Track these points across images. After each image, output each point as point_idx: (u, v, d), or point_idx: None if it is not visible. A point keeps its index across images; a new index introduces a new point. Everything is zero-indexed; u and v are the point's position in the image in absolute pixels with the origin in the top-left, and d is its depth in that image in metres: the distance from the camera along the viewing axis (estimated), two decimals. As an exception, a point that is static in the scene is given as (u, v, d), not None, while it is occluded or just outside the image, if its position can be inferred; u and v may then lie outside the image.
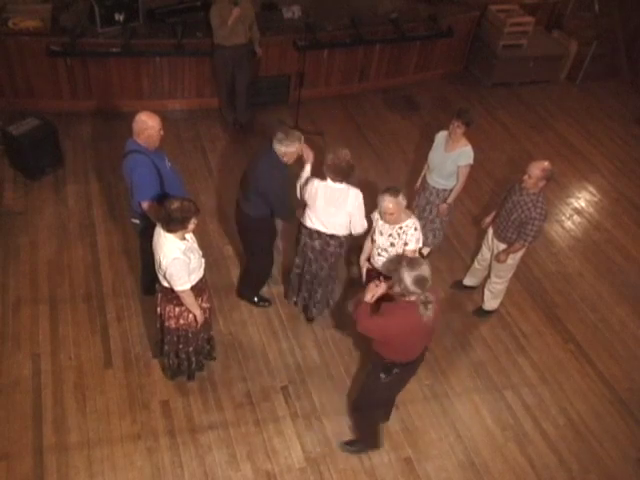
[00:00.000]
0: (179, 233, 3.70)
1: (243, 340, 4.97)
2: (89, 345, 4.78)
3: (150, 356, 4.73)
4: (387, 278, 3.92)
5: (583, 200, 6.99)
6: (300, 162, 4.59)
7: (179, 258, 3.68)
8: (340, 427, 4.48)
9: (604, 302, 5.78)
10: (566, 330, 5.47)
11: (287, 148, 4.26)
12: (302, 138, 4.34)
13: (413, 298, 3.43)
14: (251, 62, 6.79)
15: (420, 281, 3.37)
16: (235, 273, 5.48)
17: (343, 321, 5.11)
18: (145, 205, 4.23)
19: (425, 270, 3.40)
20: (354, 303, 3.73)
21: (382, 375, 3.78)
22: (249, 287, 5.20)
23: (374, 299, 3.61)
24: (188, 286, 3.82)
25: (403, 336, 3.55)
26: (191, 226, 3.70)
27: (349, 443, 4.38)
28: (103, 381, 4.56)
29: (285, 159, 4.32)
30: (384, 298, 3.85)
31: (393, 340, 3.58)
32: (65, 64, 6.69)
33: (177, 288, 3.79)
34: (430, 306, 3.42)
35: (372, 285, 3.63)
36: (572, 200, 6.97)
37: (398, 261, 3.84)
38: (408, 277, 3.36)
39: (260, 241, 4.80)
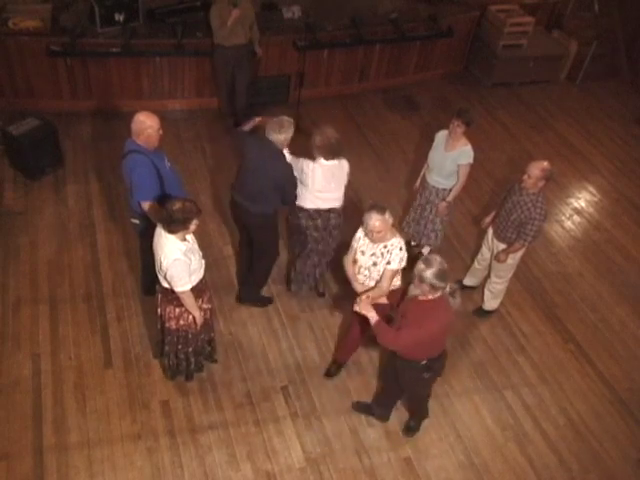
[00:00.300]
0: (180, 234, 3.70)
1: (243, 340, 4.98)
2: (89, 345, 4.78)
3: (150, 356, 4.74)
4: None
5: (583, 200, 7.00)
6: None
7: (180, 259, 3.68)
8: (340, 427, 4.49)
9: (604, 302, 5.78)
10: (566, 330, 5.47)
11: (286, 134, 4.39)
12: (293, 122, 4.49)
13: (439, 293, 3.46)
14: (251, 62, 6.80)
15: (442, 274, 3.41)
16: (235, 272, 5.49)
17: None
18: (145, 206, 4.23)
19: (442, 263, 3.44)
20: (374, 326, 3.64)
21: (425, 375, 3.82)
22: (254, 287, 5.18)
23: (375, 313, 3.64)
24: (189, 287, 3.82)
25: (440, 333, 3.62)
26: (192, 227, 3.71)
27: (409, 428, 4.48)
28: (103, 381, 4.56)
29: (284, 146, 4.47)
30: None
31: (432, 340, 3.63)
32: (65, 64, 6.70)
33: (177, 289, 3.80)
34: (457, 294, 3.48)
35: (364, 301, 3.67)
36: (572, 200, 6.98)
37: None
38: (430, 274, 3.39)
39: (273, 236, 4.89)
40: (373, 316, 3.61)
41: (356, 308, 3.69)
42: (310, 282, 5.24)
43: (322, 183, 4.58)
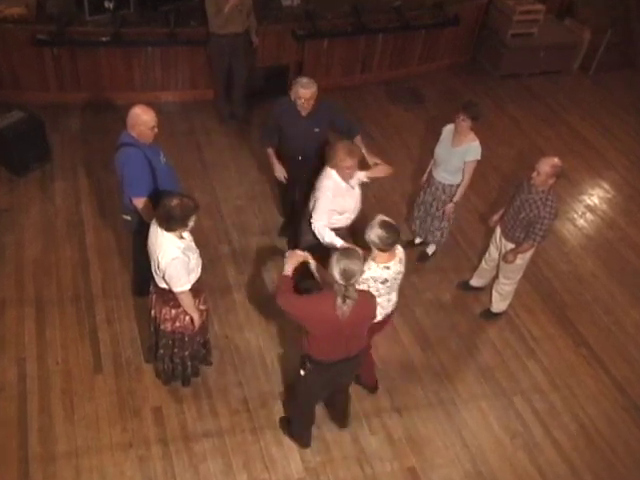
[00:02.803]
0: (178, 231, 3.70)
1: (239, 343, 4.98)
2: (77, 349, 4.78)
3: (142, 361, 4.73)
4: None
5: (596, 197, 7.00)
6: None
7: (179, 257, 3.68)
8: (341, 435, 4.49)
9: (618, 303, 5.78)
10: (578, 333, 5.47)
11: (313, 88, 4.71)
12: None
13: (334, 288, 3.42)
14: (248, 52, 6.79)
15: (346, 272, 3.33)
16: (231, 272, 5.50)
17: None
18: (139, 203, 4.23)
19: (355, 263, 3.35)
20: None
21: (300, 370, 3.80)
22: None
23: (292, 268, 3.69)
24: (188, 287, 3.83)
25: (318, 326, 3.52)
26: (191, 223, 3.71)
27: (283, 419, 4.47)
28: (92, 387, 4.56)
29: (307, 105, 4.75)
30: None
31: (309, 327, 3.55)
32: (52, 54, 6.70)
33: (176, 289, 3.80)
34: (348, 302, 3.37)
35: (296, 253, 3.75)
36: (584, 197, 6.98)
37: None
38: (336, 265, 3.35)
39: None
40: (287, 269, 3.68)
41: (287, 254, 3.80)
42: None
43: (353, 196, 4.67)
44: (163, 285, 3.87)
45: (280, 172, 5.13)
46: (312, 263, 3.87)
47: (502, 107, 8.16)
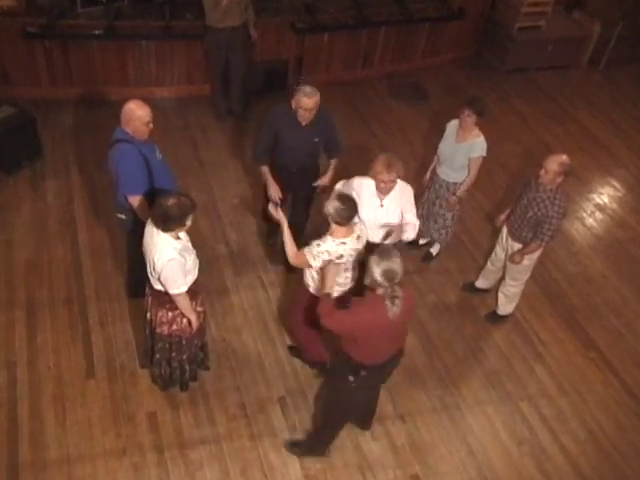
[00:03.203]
0: (175, 231, 3.71)
1: (237, 347, 4.98)
2: (70, 353, 4.78)
3: (136, 365, 4.74)
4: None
5: (606, 195, 7.00)
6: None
7: (175, 259, 3.69)
8: (342, 441, 4.49)
9: (629, 306, 5.79)
10: (587, 337, 5.48)
11: (316, 97, 4.56)
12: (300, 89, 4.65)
13: (380, 291, 3.45)
14: (246, 46, 6.79)
15: (388, 273, 3.37)
16: (229, 274, 5.50)
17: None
18: (134, 201, 4.24)
19: (396, 262, 3.40)
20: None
21: (350, 378, 3.77)
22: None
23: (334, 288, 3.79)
24: (185, 289, 3.83)
25: (368, 333, 3.55)
26: (189, 223, 3.72)
27: (294, 444, 4.42)
28: (85, 392, 4.56)
29: (310, 114, 4.64)
30: (353, 293, 4.00)
31: (360, 337, 3.58)
32: (43, 47, 6.70)
33: (173, 291, 3.80)
34: (397, 302, 3.41)
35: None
36: (594, 196, 6.99)
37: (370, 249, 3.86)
38: (377, 268, 3.38)
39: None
40: (328, 286, 3.79)
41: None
42: None
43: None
44: (159, 287, 3.88)
45: (275, 192, 4.95)
46: (285, 230, 4.01)
47: (508, 103, 8.16)
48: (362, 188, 4.36)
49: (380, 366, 3.77)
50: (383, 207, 4.38)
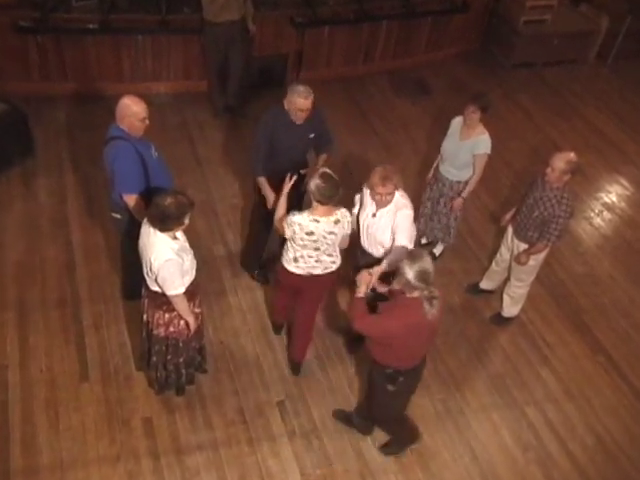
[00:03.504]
0: (173, 231, 3.71)
1: (235, 350, 4.98)
2: (63, 356, 4.78)
3: (131, 368, 4.74)
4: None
5: (614, 194, 7.00)
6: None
7: (172, 259, 3.69)
8: (343, 447, 4.49)
9: (637, 307, 5.78)
10: (595, 339, 5.47)
11: (312, 96, 4.51)
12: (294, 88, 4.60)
13: (416, 294, 3.48)
14: (244, 41, 6.78)
15: (423, 274, 3.41)
16: (226, 274, 5.50)
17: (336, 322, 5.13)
18: (130, 200, 4.24)
19: (427, 262, 3.45)
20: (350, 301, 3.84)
21: (389, 387, 3.83)
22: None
23: (367, 290, 3.77)
24: (182, 290, 3.83)
25: (405, 338, 3.59)
26: (186, 221, 3.73)
27: (387, 445, 4.48)
28: (78, 396, 4.56)
29: (306, 115, 4.59)
30: (383, 296, 4.03)
31: (395, 342, 3.62)
32: (36, 42, 6.70)
33: (170, 292, 3.80)
34: (435, 302, 3.47)
35: (364, 275, 3.78)
36: (602, 194, 6.98)
37: (399, 254, 3.92)
38: (410, 271, 3.41)
39: None
40: (361, 290, 3.78)
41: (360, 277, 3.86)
42: None
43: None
44: (155, 288, 3.88)
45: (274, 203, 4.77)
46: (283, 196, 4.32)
47: (514, 99, 8.16)
48: (366, 192, 4.41)
49: (415, 368, 3.84)
50: (375, 217, 4.39)
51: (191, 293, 4.02)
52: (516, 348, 5.31)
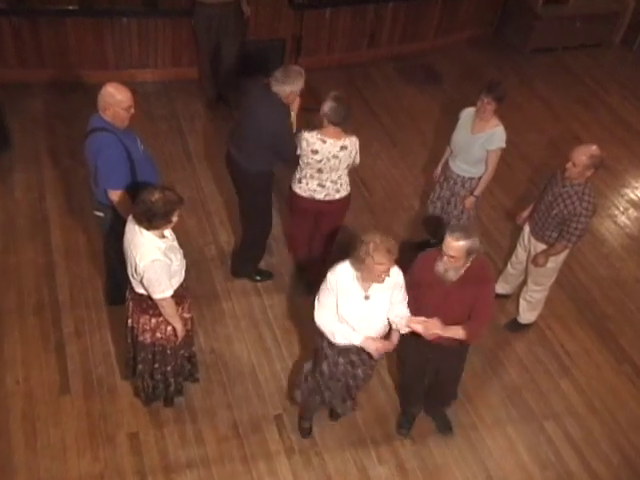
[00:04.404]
0: (160, 229, 3.73)
1: (228, 359, 5.00)
2: (41, 366, 4.80)
3: (116, 379, 4.75)
4: None
5: (640, 191, 7.03)
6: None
7: (159, 260, 3.71)
8: (345, 464, 4.51)
9: (666, 314, 5.81)
10: (619, 348, 5.49)
11: (292, 87, 4.58)
12: (303, 71, 4.67)
13: (473, 256, 3.76)
14: (239, 24, 6.80)
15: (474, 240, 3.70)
16: (219, 277, 5.53)
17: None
18: (115, 196, 4.26)
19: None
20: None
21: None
22: (248, 260, 5.48)
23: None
24: (170, 293, 3.85)
25: (418, 288, 3.88)
26: (175, 219, 3.74)
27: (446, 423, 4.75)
28: (58, 410, 4.57)
29: (289, 100, 4.66)
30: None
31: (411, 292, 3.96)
32: (10, 25, 6.71)
33: (156, 296, 3.82)
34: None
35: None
36: (627, 191, 7.00)
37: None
38: (473, 242, 3.69)
39: (265, 200, 5.17)
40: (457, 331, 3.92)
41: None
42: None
43: None
44: (141, 291, 3.90)
45: None
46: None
47: (531, 87, 8.18)
48: (338, 277, 3.79)
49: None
50: (369, 299, 3.82)
51: (180, 297, 4.04)
52: (533, 357, 5.33)
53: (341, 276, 3.78)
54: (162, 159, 6.27)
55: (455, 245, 3.64)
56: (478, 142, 5.10)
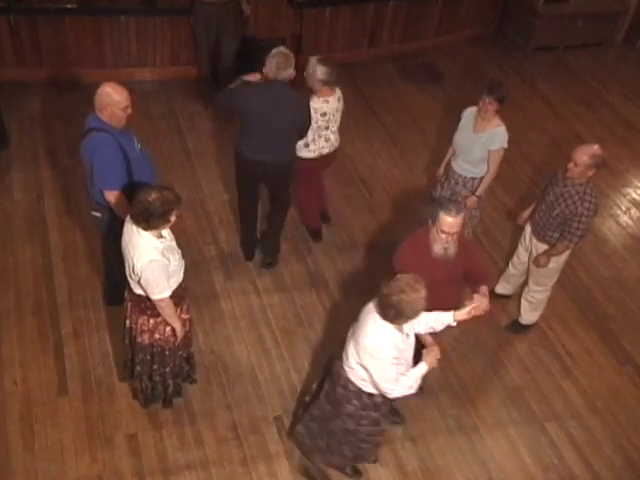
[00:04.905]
0: (158, 229, 3.73)
1: (227, 360, 5.00)
2: (39, 367, 4.79)
3: (114, 381, 4.75)
4: None
5: (642, 190, 7.03)
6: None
7: (157, 260, 3.70)
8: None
9: (668, 315, 5.81)
10: (622, 348, 5.49)
11: (292, 67, 4.78)
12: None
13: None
14: (238, 23, 6.80)
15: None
16: (218, 277, 5.53)
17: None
18: (111, 197, 4.25)
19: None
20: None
21: None
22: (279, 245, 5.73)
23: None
24: (168, 293, 3.85)
25: (414, 267, 3.84)
26: (173, 219, 3.74)
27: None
28: (56, 411, 4.57)
29: (292, 80, 4.88)
30: None
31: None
32: (8, 24, 6.72)
33: (154, 296, 3.82)
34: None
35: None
36: (629, 190, 7.00)
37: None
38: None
39: (291, 182, 5.41)
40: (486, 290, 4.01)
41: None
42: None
43: None
44: (139, 291, 3.90)
45: None
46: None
47: (533, 86, 8.18)
48: (394, 344, 3.61)
49: None
50: (409, 338, 3.78)
51: (179, 297, 4.03)
52: (535, 358, 5.33)
53: (394, 341, 3.58)
54: (161, 158, 6.27)
55: (455, 221, 3.80)
56: (480, 142, 5.10)
